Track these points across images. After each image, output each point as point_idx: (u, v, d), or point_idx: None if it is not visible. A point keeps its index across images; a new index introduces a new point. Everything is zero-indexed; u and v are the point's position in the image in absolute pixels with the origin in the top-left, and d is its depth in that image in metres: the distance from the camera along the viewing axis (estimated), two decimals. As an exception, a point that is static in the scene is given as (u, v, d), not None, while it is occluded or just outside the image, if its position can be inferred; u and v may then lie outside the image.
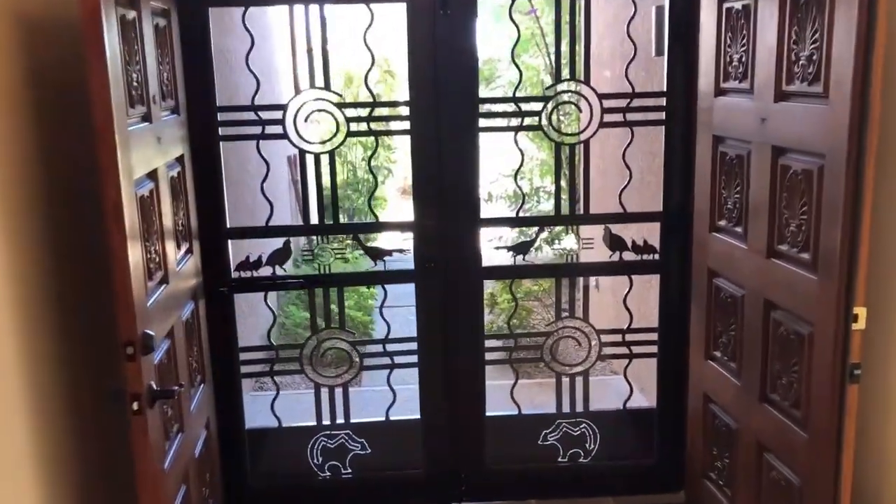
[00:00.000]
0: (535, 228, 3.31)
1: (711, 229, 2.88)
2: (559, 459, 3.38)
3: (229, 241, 3.10)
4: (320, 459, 3.31)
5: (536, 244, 3.27)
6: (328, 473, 3.31)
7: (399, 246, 3.22)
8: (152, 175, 2.33)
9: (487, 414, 3.33)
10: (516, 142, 3.12)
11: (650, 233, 3.23)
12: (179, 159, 2.72)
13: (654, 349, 3.32)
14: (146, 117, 2.29)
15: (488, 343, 3.29)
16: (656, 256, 3.22)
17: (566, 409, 3.38)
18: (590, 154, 3.21)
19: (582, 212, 3.23)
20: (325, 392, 3.28)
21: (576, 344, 3.33)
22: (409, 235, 3.16)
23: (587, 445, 3.37)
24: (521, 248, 3.22)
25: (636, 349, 3.33)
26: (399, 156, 10.82)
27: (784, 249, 2.42)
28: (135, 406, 2.05)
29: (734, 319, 2.75)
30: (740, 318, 2.71)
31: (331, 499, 3.34)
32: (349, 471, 3.32)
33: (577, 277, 3.31)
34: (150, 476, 2.11)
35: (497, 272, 3.23)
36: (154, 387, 2.12)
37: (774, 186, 2.45)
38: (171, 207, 2.51)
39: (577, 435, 3.37)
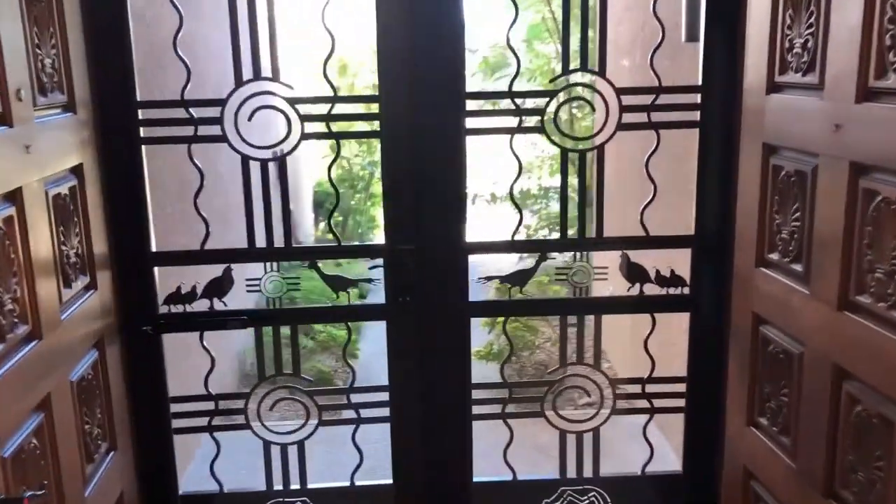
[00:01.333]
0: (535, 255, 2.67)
1: (758, 262, 2.25)
2: (561, 534, 2.78)
3: (156, 270, 2.50)
4: (271, 530, 2.72)
5: (537, 274, 2.64)
6: (282, 549, 2.72)
7: (367, 275, 2.61)
8: (11, 197, 1.73)
9: (475, 479, 2.73)
10: (512, 147, 2.50)
11: (678, 261, 2.61)
12: (75, 170, 2.12)
13: (680, 403, 2.70)
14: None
15: (477, 394, 2.68)
16: (686, 290, 2.59)
17: (571, 473, 2.76)
18: (604, 162, 2.58)
19: (594, 234, 2.61)
20: (276, 450, 2.69)
21: (584, 395, 2.72)
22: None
23: (597, 518, 2.77)
24: (517, 279, 2.61)
25: (659, 402, 2.71)
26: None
27: (866, 302, 1.79)
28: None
29: (788, 383, 2.13)
30: (797, 382, 2.08)
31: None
32: (307, 546, 2.73)
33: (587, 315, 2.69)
34: None
35: (488, 308, 2.62)
36: (-5, 494, 1.53)
37: (853, 216, 1.82)
38: (51, 236, 1.91)
39: (585, 506, 2.77)
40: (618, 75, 4.85)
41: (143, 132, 2.42)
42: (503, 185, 7.11)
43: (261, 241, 2.52)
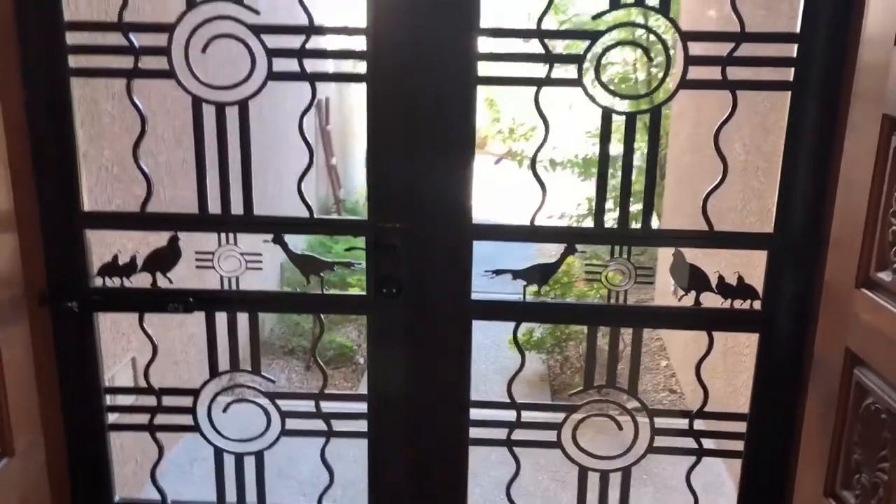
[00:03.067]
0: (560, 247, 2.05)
1: (861, 280, 1.62)
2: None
3: (87, 233, 2.03)
4: (224, 555, 2.26)
5: (563, 269, 2.05)
6: (235, 577, 2.26)
7: (343, 257, 2.07)
8: None
9: (469, 517, 2.21)
10: (538, 104, 1.91)
11: (749, 266, 1.99)
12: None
13: (738, 446, 2.10)
14: None
15: (477, 414, 2.13)
16: (756, 305, 1.97)
17: (591, 521, 2.21)
18: (660, 130, 1.96)
19: (640, 224, 2.00)
20: (230, 461, 2.21)
21: (614, 426, 2.14)
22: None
23: (621, 578, 2.21)
24: (534, 275, 2.03)
25: (709, 443, 2.12)
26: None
27: None
28: None
29: (891, 454, 1.51)
30: (905, 457, 1.47)
31: None
32: (266, 576, 2.26)
33: (622, 328, 2.11)
34: None
35: (494, 310, 2.05)
36: None
37: None
38: None
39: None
40: (692, 21, 4.12)
41: (72, 62, 1.92)
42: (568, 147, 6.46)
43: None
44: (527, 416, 2.14)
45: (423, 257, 1.99)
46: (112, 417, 2.21)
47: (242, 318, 2.12)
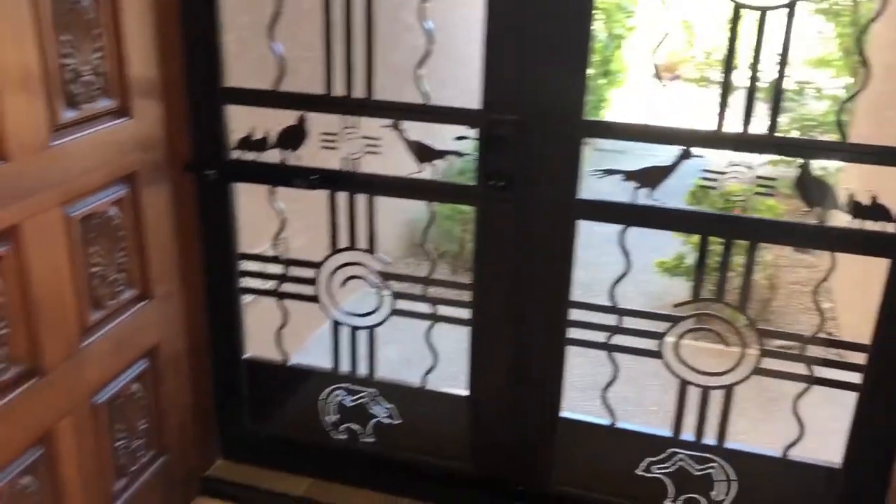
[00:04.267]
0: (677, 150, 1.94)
1: None
2: (664, 502, 2.22)
3: (226, 107, 2.19)
4: (336, 416, 2.44)
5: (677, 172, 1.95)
6: (344, 436, 2.45)
7: (456, 147, 2.10)
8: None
9: (563, 414, 2.23)
10: None
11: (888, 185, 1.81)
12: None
13: (855, 378, 1.96)
14: None
15: (576, 315, 2.14)
16: (889, 227, 1.80)
17: (687, 435, 2.16)
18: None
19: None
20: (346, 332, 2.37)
21: (720, 342, 2.07)
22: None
23: (713, 495, 2.16)
24: (646, 177, 1.96)
25: (822, 372, 1.99)
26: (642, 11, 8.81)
27: None
28: None
29: None
30: None
31: (348, 466, 2.48)
32: (372, 440, 2.43)
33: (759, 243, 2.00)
34: None
35: (600, 210, 2.01)
36: None
37: None
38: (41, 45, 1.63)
39: (698, 476, 2.16)
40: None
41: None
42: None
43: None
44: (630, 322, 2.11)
45: (532, 152, 1.98)
46: (244, 282, 2.42)
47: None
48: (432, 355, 2.31)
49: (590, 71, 1.89)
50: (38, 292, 1.69)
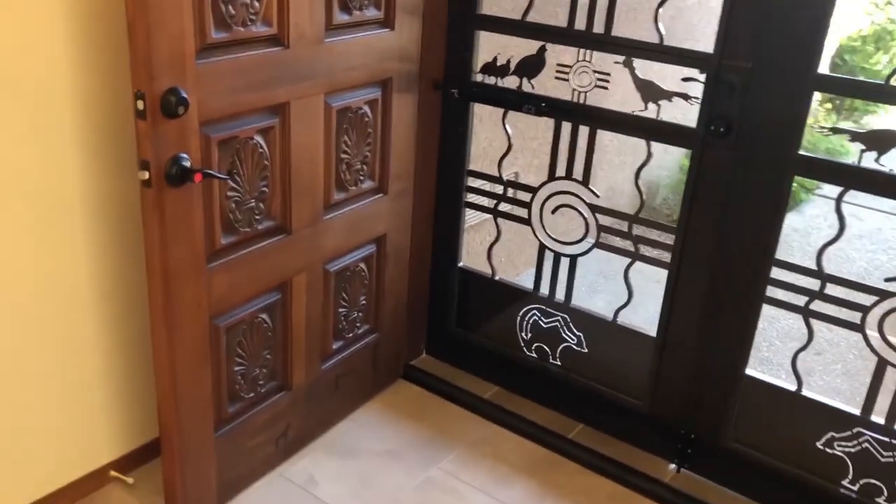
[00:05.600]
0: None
1: None
2: (843, 483, 2.15)
3: (478, 33, 2.42)
4: (529, 335, 2.63)
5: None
6: (534, 354, 2.63)
7: (683, 89, 2.14)
8: None
9: (748, 371, 2.23)
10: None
11: None
12: None
13: None
14: None
15: (778, 274, 2.12)
16: None
17: (878, 418, 2.08)
18: None
19: None
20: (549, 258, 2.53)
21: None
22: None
23: (898, 487, 2.07)
24: (873, 140, 1.89)
25: None
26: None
27: None
28: (145, 175, 1.68)
29: None
30: None
31: (533, 383, 2.67)
32: (559, 363, 2.59)
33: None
34: (161, 268, 1.76)
35: (819, 169, 1.96)
36: (186, 163, 1.71)
37: None
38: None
39: (885, 463, 2.08)
40: None
41: None
42: None
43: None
44: (833, 290, 2.06)
45: (758, 101, 1.99)
46: (468, 197, 2.65)
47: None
48: (627, 292, 2.40)
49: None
50: (296, 164, 2.03)
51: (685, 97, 2.15)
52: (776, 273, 2.12)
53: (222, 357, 2.01)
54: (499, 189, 2.56)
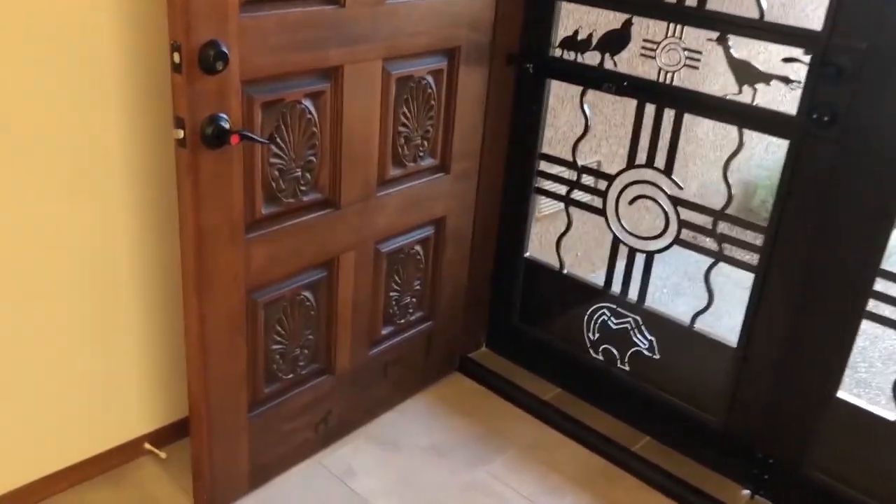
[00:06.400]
0: None
1: None
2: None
3: (561, 5, 2.22)
4: (596, 335, 2.43)
5: None
6: (601, 357, 2.43)
7: (784, 72, 1.89)
8: None
9: (840, 394, 1.97)
10: None
11: None
12: None
13: None
14: None
15: (885, 287, 1.85)
16: None
17: None
18: None
19: None
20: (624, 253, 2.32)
21: None
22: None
23: None
24: None
25: None
26: None
27: None
28: (179, 134, 1.57)
29: None
30: None
31: (597, 387, 2.47)
32: (626, 368, 2.38)
33: None
34: (195, 234, 1.65)
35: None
36: (224, 124, 1.59)
37: None
38: None
39: None
40: None
41: None
42: None
43: None
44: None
45: (871, 89, 1.73)
46: (538, 183, 2.46)
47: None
48: (708, 295, 2.17)
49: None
50: (347, 134, 1.89)
51: (786, 80, 1.90)
52: (881, 286, 1.85)
53: (259, 334, 1.90)
54: (573, 176, 2.37)
